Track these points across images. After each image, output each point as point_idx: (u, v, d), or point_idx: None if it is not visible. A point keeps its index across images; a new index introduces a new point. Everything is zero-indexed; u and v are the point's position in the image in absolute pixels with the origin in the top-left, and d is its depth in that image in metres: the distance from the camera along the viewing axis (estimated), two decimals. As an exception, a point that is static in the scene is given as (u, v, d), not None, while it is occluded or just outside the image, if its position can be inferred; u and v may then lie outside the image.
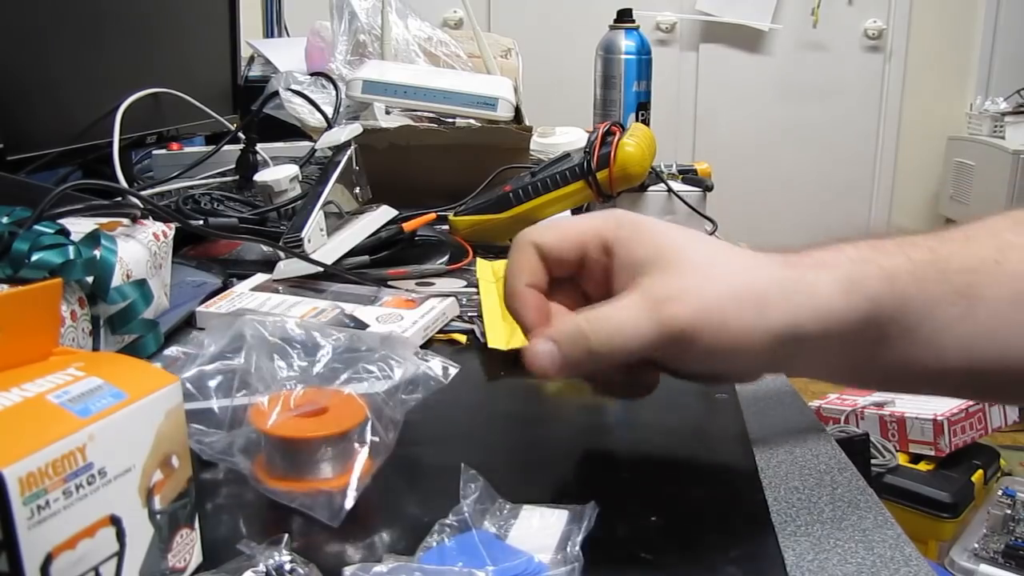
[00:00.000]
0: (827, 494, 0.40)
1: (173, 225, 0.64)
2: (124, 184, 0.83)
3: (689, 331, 0.36)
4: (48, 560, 0.26)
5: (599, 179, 0.84)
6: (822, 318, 0.36)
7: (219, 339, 0.47)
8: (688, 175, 0.98)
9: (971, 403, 1.79)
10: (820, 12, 2.77)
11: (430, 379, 0.46)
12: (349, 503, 0.38)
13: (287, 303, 0.66)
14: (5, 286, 0.46)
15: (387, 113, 1.10)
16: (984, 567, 1.58)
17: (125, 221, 0.60)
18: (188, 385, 0.45)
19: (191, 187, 0.97)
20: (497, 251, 0.84)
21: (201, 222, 0.78)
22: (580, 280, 0.42)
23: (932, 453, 1.84)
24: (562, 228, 0.41)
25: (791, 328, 0.36)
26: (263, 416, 0.42)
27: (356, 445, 0.42)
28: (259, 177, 0.85)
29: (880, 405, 1.89)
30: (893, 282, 0.36)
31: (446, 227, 0.90)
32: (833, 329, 0.36)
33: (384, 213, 0.85)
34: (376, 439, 0.42)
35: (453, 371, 0.46)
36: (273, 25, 2.01)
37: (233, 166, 1.02)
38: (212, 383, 0.46)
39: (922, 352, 0.38)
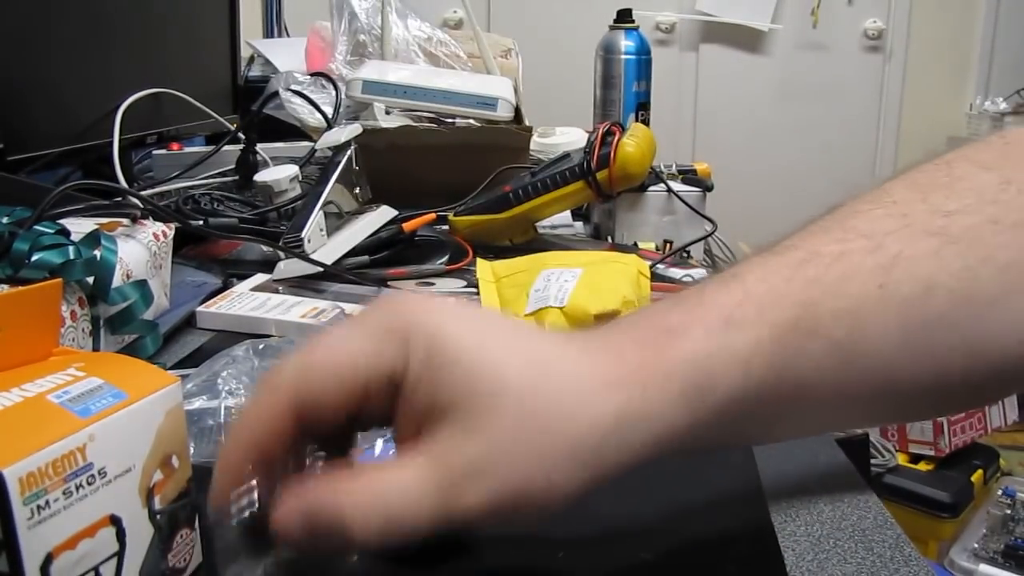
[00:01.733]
0: (827, 494, 0.40)
1: (173, 225, 0.64)
2: (124, 184, 0.83)
3: (489, 515, 0.28)
4: (48, 560, 0.26)
5: (599, 179, 0.84)
6: (666, 442, 0.30)
7: (199, 374, 0.47)
8: (688, 175, 0.98)
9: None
10: (820, 12, 2.77)
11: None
12: None
13: (287, 303, 0.66)
14: (5, 286, 0.46)
15: (387, 113, 1.10)
16: (984, 567, 1.58)
17: (125, 221, 0.60)
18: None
19: (191, 187, 0.97)
20: (497, 251, 0.84)
21: (201, 222, 0.78)
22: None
23: (932, 453, 1.84)
24: (335, 370, 0.29)
25: (629, 465, 0.29)
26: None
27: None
28: (259, 177, 0.85)
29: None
30: (748, 372, 0.30)
31: (446, 227, 0.90)
32: (683, 444, 0.30)
33: (384, 213, 0.85)
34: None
35: None
36: (273, 25, 2.01)
37: (233, 166, 1.02)
38: (198, 388, 0.46)
39: (807, 420, 0.33)
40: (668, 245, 0.92)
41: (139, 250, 0.58)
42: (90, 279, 0.50)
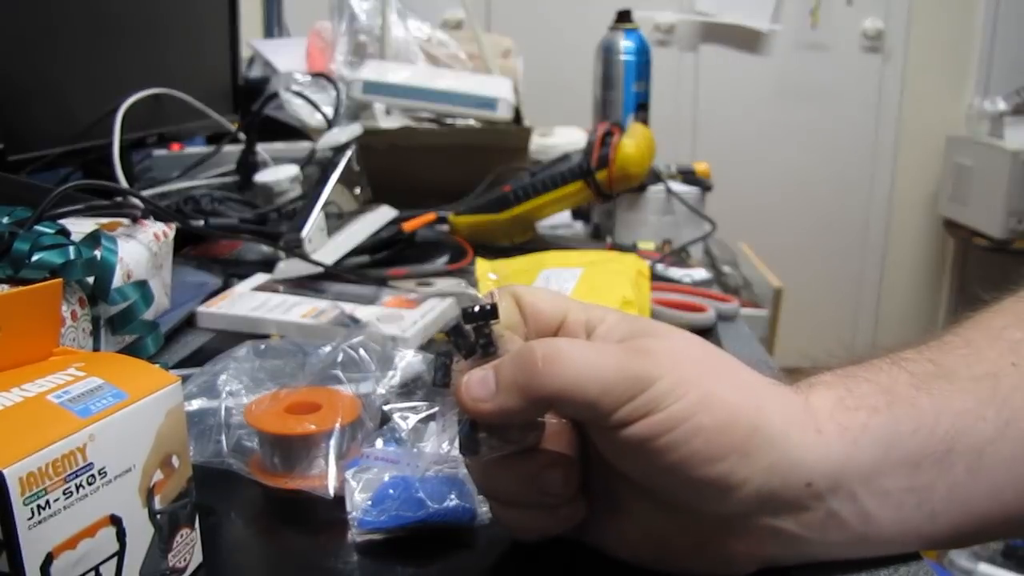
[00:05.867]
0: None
1: (174, 225, 0.64)
2: (125, 184, 0.83)
3: (662, 381, 0.30)
4: (48, 560, 0.26)
5: (598, 179, 0.84)
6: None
7: (200, 375, 0.47)
8: (687, 175, 0.98)
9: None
10: (819, 13, 2.77)
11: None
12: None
13: (287, 303, 0.66)
14: (6, 286, 0.46)
15: (387, 114, 1.10)
16: (983, 566, 1.58)
17: (126, 221, 0.60)
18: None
19: (192, 187, 0.97)
20: (497, 251, 0.84)
21: (202, 222, 0.78)
22: None
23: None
24: (547, 291, 0.36)
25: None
26: (257, 415, 0.42)
27: (351, 439, 0.42)
28: (259, 177, 0.85)
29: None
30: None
31: (446, 227, 0.90)
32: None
33: (384, 213, 0.85)
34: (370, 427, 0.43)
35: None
36: (273, 25, 2.01)
37: (234, 166, 1.02)
38: (198, 389, 0.46)
39: (964, 477, 0.33)
40: (668, 245, 0.92)
41: (140, 250, 0.58)
42: (90, 279, 0.50)
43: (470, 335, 0.32)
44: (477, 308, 0.32)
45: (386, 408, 0.43)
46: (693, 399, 0.30)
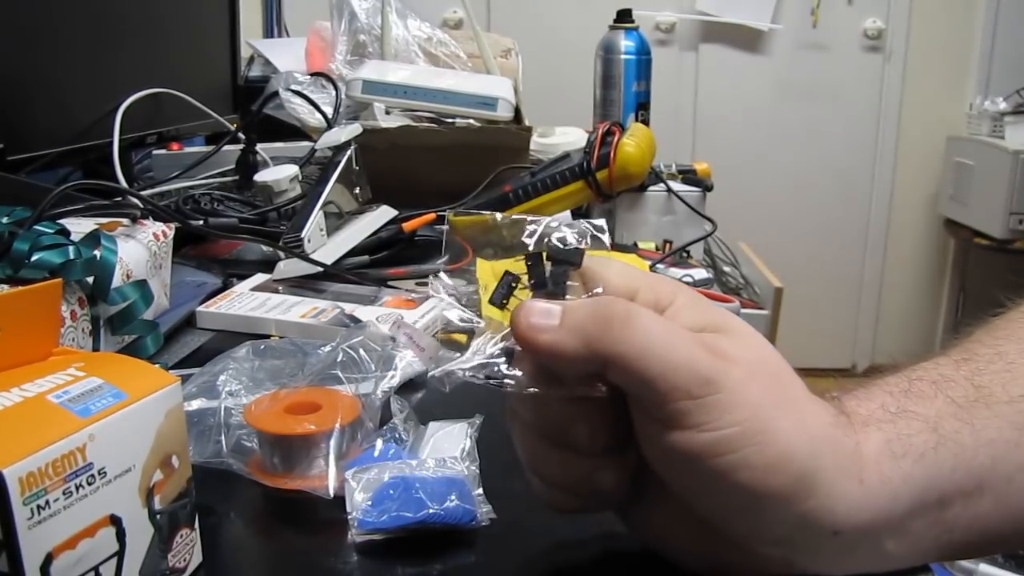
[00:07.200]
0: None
1: (173, 225, 0.64)
2: (124, 184, 0.83)
3: (726, 394, 0.29)
4: (48, 560, 0.26)
5: (599, 179, 0.84)
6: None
7: (199, 375, 0.47)
8: (688, 175, 0.98)
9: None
10: (820, 12, 2.77)
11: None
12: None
13: (287, 303, 0.66)
14: (5, 286, 0.46)
15: (387, 113, 1.10)
16: (984, 567, 1.58)
17: (125, 221, 0.60)
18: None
19: (191, 187, 0.97)
20: (497, 251, 0.84)
21: (201, 222, 0.78)
22: None
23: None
24: (620, 265, 0.34)
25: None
26: (257, 415, 0.42)
27: (351, 439, 0.42)
28: (259, 177, 0.85)
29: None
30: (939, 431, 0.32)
31: (446, 227, 0.90)
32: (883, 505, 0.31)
33: (384, 213, 0.85)
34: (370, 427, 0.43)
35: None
36: (273, 25, 2.01)
37: (233, 166, 1.02)
38: (198, 389, 0.46)
39: (989, 507, 0.32)
40: (668, 245, 0.92)
41: (139, 250, 0.58)
42: (90, 279, 0.50)
43: (546, 270, 0.32)
44: (565, 247, 0.32)
45: (433, 424, 0.44)
46: (749, 429, 0.29)
